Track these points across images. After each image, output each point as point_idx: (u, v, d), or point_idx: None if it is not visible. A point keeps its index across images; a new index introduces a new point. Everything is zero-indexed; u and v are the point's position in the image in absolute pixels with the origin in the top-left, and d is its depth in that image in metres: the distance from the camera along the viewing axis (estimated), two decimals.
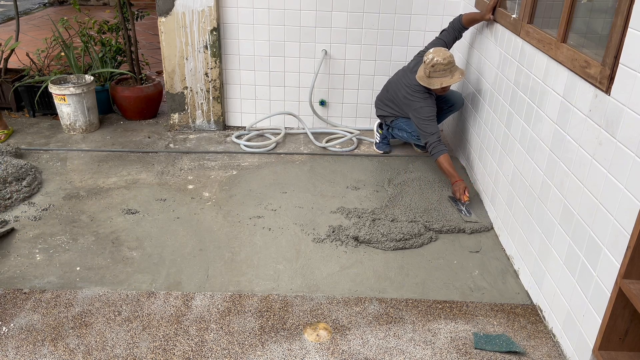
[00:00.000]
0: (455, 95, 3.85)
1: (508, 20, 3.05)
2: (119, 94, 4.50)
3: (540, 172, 2.52)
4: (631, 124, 1.83)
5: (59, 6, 10.13)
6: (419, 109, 3.52)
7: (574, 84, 2.24)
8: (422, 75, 3.49)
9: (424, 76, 3.47)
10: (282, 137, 4.30)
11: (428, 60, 3.40)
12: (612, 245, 1.91)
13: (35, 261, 2.76)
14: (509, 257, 2.89)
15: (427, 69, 3.42)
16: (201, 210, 3.28)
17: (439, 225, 3.10)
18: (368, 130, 4.43)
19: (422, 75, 3.50)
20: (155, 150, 4.08)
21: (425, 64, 3.43)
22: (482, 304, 2.54)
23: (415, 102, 3.55)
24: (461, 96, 3.87)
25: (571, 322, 2.19)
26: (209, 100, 4.37)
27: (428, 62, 3.40)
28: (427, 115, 3.49)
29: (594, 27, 2.69)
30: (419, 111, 3.53)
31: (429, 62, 3.39)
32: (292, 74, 4.35)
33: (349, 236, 2.98)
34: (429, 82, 3.45)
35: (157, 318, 2.40)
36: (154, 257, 2.82)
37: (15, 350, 2.20)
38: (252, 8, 4.12)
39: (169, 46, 4.17)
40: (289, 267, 2.77)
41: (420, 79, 3.50)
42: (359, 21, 4.17)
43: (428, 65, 3.40)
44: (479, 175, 3.50)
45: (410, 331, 2.36)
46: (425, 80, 3.46)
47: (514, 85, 2.90)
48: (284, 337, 2.31)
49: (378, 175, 3.78)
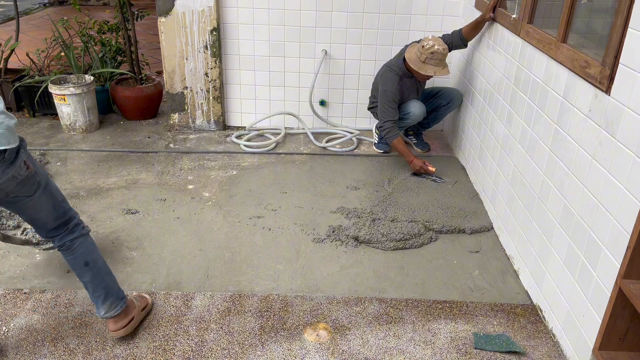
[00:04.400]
0: (453, 92, 3.85)
1: (508, 20, 3.05)
2: (119, 94, 4.50)
3: (540, 172, 2.52)
4: (631, 124, 1.83)
5: (59, 6, 10.13)
6: (387, 91, 3.59)
7: (574, 84, 2.24)
8: (415, 58, 3.45)
9: (417, 59, 3.44)
10: (282, 137, 4.30)
11: (428, 46, 3.37)
12: (612, 245, 1.91)
13: (35, 261, 2.76)
14: (509, 257, 2.89)
15: (425, 54, 3.40)
16: (201, 210, 3.28)
17: (439, 225, 3.10)
18: (368, 130, 4.43)
19: (414, 58, 3.45)
20: (155, 150, 4.08)
21: (424, 48, 3.39)
22: (482, 304, 2.54)
23: (387, 83, 3.60)
24: (459, 94, 3.86)
25: (571, 322, 2.19)
26: (209, 100, 4.37)
27: (427, 48, 3.37)
28: (391, 100, 3.56)
29: (594, 27, 2.69)
30: (386, 94, 3.59)
31: (428, 48, 3.37)
32: (292, 74, 4.35)
33: (349, 236, 2.98)
34: (421, 67, 3.43)
35: (157, 318, 2.40)
36: (154, 257, 2.82)
37: (15, 350, 2.20)
38: (252, 8, 4.12)
39: (169, 46, 4.17)
40: (289, 267, 2.77)
41: (411, 60, 3.46)
42: (359, 21, 4.17)
43: (426, 50, 3.38)
44: (479, 175, 3.51)
45: (410, 331, 2.36)
46: (418, 64, 3.43)
47: (514, 85, 2.90)
48: (284, 337, 2.31)
49: (378, 175, 3.77)
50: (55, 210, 2.07)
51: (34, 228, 2.12)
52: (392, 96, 3.59)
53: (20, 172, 1.87)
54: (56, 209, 2.08)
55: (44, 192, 2.00)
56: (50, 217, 2.07)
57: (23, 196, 1.94)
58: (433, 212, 3.26)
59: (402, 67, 3.63)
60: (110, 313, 2.19)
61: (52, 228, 2.10)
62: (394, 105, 3.61)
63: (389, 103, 3.60)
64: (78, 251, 2.14)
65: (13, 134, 1.82)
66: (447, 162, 3.97)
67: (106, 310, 2.18)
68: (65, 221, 2.12)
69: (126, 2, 4.54)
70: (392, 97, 3.59)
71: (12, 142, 1.80)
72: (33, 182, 1.94)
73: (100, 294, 2.17)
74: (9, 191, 1.89)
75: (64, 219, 2.11)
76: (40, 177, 1.98)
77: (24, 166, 1.89)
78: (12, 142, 1.80)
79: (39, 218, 2.07)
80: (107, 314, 2.18)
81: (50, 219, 2.08)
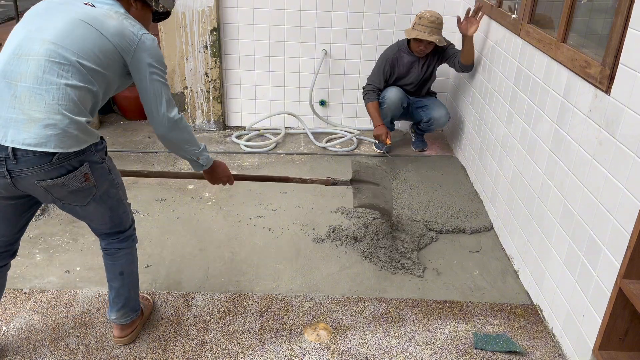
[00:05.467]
0: (437, 113, 3.87)
1: (508, 20, 3.05)
2: (119, 94, 4.50)
3: (540, 172, 2.52)
4: (631, 124, 1.83)
5: None
6: (381, 57, 3.86)
7: (574, 84, 2.24)
8: (409, 27, 3.72)
9: (410, 28, 3.70)
10: (282, 137, 4.30)
11: (419, 14, 3.63)
12: (612, 245, 1.91)
13: (35, 261, 2.76)
14: (509, 257, 2.89)
15: (415, 20, 3.65)
16: (201, 210, 3.28)
17: (439, 225, 3.10)
18: (368, 130, 4.43)
19: (409, 28, 3.71)
20: (155, 150, 4.08)
21: (416, 16, 3.65)
22: (482, 304, 2.54)
23: (385, 52, 3.86)
24: (443, 117, 3.87)
25: (571, 322, 2.19)
26: (209, 100, 4.37)
27: (418, 15, 3.64)
28: (381, 67, 3.81)
29: (594, 27, 2.69)
30: (379, 60, 3.87)
31: (418, 15, 3.63)
32: (292, 74, 4.35)
33: (349, 236, 2.98)
34: (408, 32, 3.67)
35: (157, 318, 2.40)
36: (154, 257, 2.82)
37: (15, 350, 2.20)
38: (252, 8, 4.12)
39: (169, 46, 4.17)
40: (289, 267, 2.77)
41: (406, 30, 3.73)
42: (359, 21, 4.17)
43: (417, 17, 3.63)
44: (479, 175, 3.51)
45: (410, 331, 2.36)
46: (409, 31, 3.67)
47: (514, 85, 2.90)
48: (284, 337, 2.31)
49: None
50: (111, 220, 2.03)
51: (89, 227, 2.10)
52: (382, 63, 3.80)
53: (73, 183, 1.77)
54: (112, 220, 2.03)
55: (101, 204, 1.93)
56: (105, 226, 2.04)
57: (75, 205, 1.89)
58: (433, 212, 3.26)
59: (404, 42, 3.83)
60: (120, 321, 2.19)
61: (104, 233, 2.08)
62: (381, 72, 3.80)
63: (377, 69, 3.83)
64: (120, 260, 2.12)
65: (70, 139, 1.69)
66: (447, 162, 3.97)
67: (117, 317, 2.18)
68: (120, 230, 2.09)
69: None
70: (383, 65, 3.80)
71: (62, 147, 1.67)
72: (88, 194, 1.86)
73: (119, 301, 2.17)
74: (60, 197, 1.82)
75: (119, 228, 2.08)
76: (98, 190, 1.87)
77: (82, 178, 1.78)
78: (62, 147, 1.67)
79: (92, 224, 2.05)
80: (117, 320, 2.19)
81: (104, 227, 2.05)
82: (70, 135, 1.70)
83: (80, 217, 2.00)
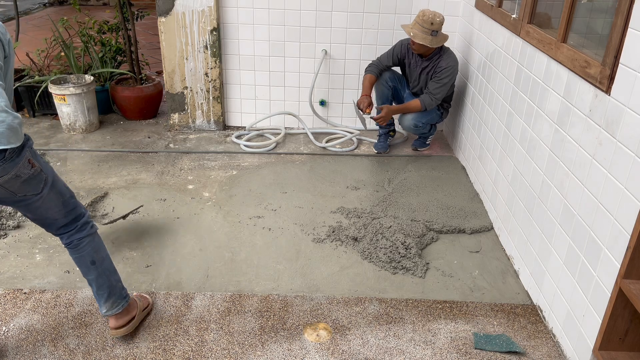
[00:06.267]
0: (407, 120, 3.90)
1: (508, 20, 3.05)
2: (119, 94, 4.50)
3: (540, 172, 2.52)
4: (631, 124, 1.83)
5: (59, 6, 10.13)
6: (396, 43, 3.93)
7: (574, 84, 2.24)
8: None
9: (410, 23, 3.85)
10: (282, 137, 4.30)
11: (421, 10, 3.68)
12: (612, 245, 1.91)
13: (35, 261, 2.76)
14: (509, 257, 2.89)
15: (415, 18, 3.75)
16: (201, 210, 3.28)
17: (439, 225, 3.10)
18: (368, 131, 4.43)
19: None
20: (155, 150, 4.08)
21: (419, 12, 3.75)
22: (482, 304, 2.54)
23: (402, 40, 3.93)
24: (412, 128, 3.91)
25: (571, 322, 2.19)
26: (209, 100, 4.37)
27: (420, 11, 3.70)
28: (391, 49, 3.90)
29: (594, 27, 2.69)
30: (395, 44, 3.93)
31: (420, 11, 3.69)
32: (292, 74, 4.35)
33: (349, 236, 2.98)
34: (404, 26, 3.73)
35: (157, 318, 2.40)
36: (154, 257, 2.82)
37: (15, 350, 2.20)
38: (252, 8, 4.12)
39: (169, 46, 4.17)
40: (289, 267, 2.77)
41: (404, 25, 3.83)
42: (359, 21, 4.17)
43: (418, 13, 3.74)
44: (479, 175, 3.50)
45: (410, 331, 2.36)
46: (405, 25, 3.75)
47: (514, 85, 2.90)
48: (284, 337, 2.31)
49: (378, 175, 3.78)
50: (65, 206, 2.07)
51: (44, 228, 2.11)
52: (397, 45, 3.89)
53: (23, 171, 1.84)
54: (66, 205, 2.07)
55: (52, 189, 1.99)
56: (61, 213, 2.07)
57: (31, 195, 1.93)
58: (433, 212, 3.25)
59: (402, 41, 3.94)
60: (112, 311, 2.19)
61: (62, 225, 2.10)
62: (391, 52, 3.89)
63: (390, 49, 3.92)
64: (85, 250, 2.13)
65: (15, 133, 1.78)
66: (447, 162, 3.97)
67: (108, 309, 2.19)
68: (76, 217, 2.12)
69: (126, 2, 4.54)
70: (393, 48, 3.90)
71: (12, 142, 1.76)
72: (39, 180, 1.92)
73: (103, 292, 2.17)
74: (15, 190, 1.88)
75: (74, 215, 2.11)
76: (47, 174, 1.96)
77: (28, 165, 1.86)
78: (12, 142, 1.76)
79: (50, 216, 2.06)
80: (109, 312, 2.19)
81: (60, 215, 2.07)
82: (15, 129, 1.77)
83: (39, 211, 2.02)
